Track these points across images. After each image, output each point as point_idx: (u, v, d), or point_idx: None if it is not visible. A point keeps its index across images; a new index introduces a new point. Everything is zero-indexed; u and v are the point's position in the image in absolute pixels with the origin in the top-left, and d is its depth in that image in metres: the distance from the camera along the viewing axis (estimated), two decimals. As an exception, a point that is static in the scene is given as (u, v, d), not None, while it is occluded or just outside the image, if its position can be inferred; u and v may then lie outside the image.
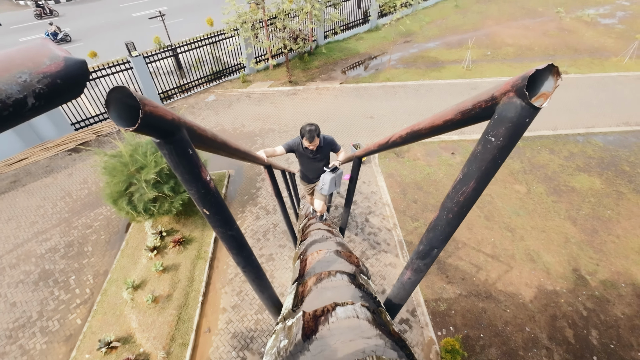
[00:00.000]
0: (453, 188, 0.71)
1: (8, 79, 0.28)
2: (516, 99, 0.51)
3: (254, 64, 12.28)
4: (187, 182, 0.68)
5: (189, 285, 6.00)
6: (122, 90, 0.44)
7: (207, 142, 0.76)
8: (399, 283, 0.98)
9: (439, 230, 0.76)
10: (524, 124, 0.53)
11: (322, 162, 3.76)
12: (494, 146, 0.58)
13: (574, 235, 6.65)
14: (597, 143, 9.04)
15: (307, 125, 3.28)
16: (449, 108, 0.72)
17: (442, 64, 13.15)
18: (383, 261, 6.31)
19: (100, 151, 6.34)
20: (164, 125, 0.54)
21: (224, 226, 0.84)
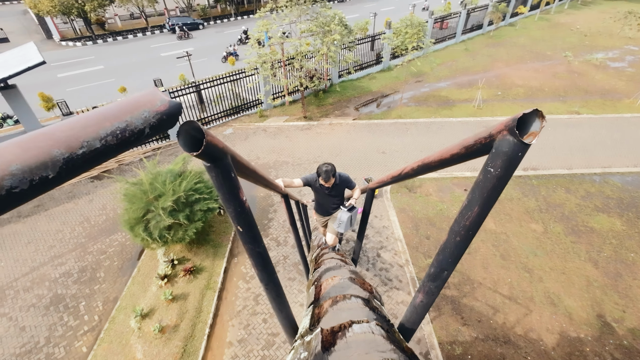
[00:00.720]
0: (460, 213, 0.79)
1: (136, 115, 0.40)
2: (509, 137, 0.61)
3: (271, 100, 12.92)
4: (226, 201, 0.79)
5: (196, 316, 5.93)
6: (191, 123, 0.56)
7: (243, 168, 0.87)
8: (412, 307, 1.02)
9: (448, 252, 0.83)
10: (517, 157, 0.62)
11: (337, 198, 3.88)
12: (493, 176, 0.67)
13: (597, 279, 6.36)
14: (615, 183, 8.88)
15: (323, 166, 3.40)
16: (454, 143, 0.82)
17: (453, 102, 13.51)
18: (395, 299, 6.12)
19: (122, 179, 6.64)
20: (216, 152, 0.66)
21: (254, 243, 0.92)
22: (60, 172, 0.33)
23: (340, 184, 3.67)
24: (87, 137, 0.35)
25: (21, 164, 0.29)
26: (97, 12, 23.43)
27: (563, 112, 12.50)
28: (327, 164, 3.38)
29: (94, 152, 0.36)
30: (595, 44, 20.02)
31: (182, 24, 25.46)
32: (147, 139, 0.44)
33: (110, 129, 0.38)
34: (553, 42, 20.42)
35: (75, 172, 0.36)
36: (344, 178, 3.66)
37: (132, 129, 0.40)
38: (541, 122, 0.59)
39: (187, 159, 7.18)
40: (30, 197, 0.32)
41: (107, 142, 0.37)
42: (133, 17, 29.01)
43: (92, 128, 0.36)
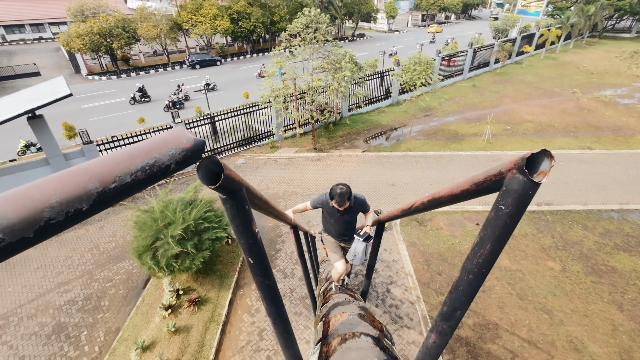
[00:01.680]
0: (472, 250, 0.78)
1: (165, 152, 0.43)
2: (519, 175, 0.62)
3: (283, 132, 13.27)
4: (239, 233, 0.80)
5: (198, 351, 5.72)
6: (211, 158, 0.59)
7: (256, 200, 0.89)
8: (424, 347, 0.97)
9: (461, 291, 0.81)
10: (527, 196, 0.63)
11: (350, 222, 3.55)
12: (505, 214, 0.67)
13: (622, 323, 5.96)
14: (635, 221, 8.58)
15: (337, 188, 3.00)
16: (464, 180, 0.83)
17: (462, 136, 13.62)
18: (406, 338, 5.82)
19: (134, 206, 6.75)
20: (233, 185, 0.69)
21: (263, 275, 0.92)
22: (93, 204, 0.35)
23: (355, 207, 3.32)
24: (119, 172, 0.38)
25: (60, 197, 0.32)
26: (123, 49, 25.16)
27: (575, 148, 12.43)
28: (341, 185, 3.00)
29: (124, 187, 0.38)
30: (603, 81, 20.29)
31: (201, 60, 27.00)
32: (173, 174, 0.47)
33: (141, 164, 0.41)
34: (560, 80, 20.78)
35: (106, 205, 0.38)
36: (360, 201, 3.30)
37: (159, 165, 0.42)
38: (550, 161, 0.60)
39: (198, 187, 7.30)
40: (64, 227, 0.34)
41: (137, 177, 0.40)
42: (156, 54, 30.98)
43: (124, 164, 0.39)
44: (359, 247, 3.09)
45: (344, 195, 2.97)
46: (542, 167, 0.61)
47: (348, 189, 3.01)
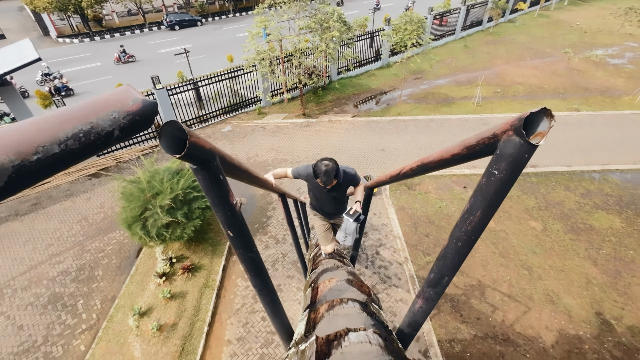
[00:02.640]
0: (461, 218, 0.76)
1: (104, 116, 0.35)
2: (515, 137, 0.57)
3: (270, 98, 12.85)
4: (215, 205, 0.75)
5: (194, 315, 5.91)
6: (174, 124, 0.52)
7: (234, 169, 0.83)
8: (411, 312, 0.99)
9: (449, 258, 0.79)
10: (523, 159, 0.58)
11: (339, 198, 3.16)
12: (497, 179, 0.63)
13: (596, 277, 6.36)
14: (615, 181, 8.86)
15: (322, 165, 2.59)
16: (455, 143, 0.78)
17: (453, 100, 13.45)
18: (394, 296, 6.11)
19: (120, 177, 6.59)
20: (203, 153, 0.62)
21: (245, 248, 0.88)
22: (9, 182, 0.29)
23: (345, 184, 2.95)
24: (43, 141, 0.31)
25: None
26: (94, 8, 23.22)
27: (562, 110, 12.46)
28: (326, 161, 2.58)
29: (51, 158, 0.32)
30: (595, 40, 19.95)
31: (180, 20, 25.26)
32: (119, 142, 0.39)
33: (72, 131, 0.34)
34: (552, 40, 20.33)
35: (29, 182, 0.32)
36: (349, 176, 2.90)
37: (98, 132, 0.35)
38: (549, 121, 0.56)
39: (184, 156, 7.13)
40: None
41: (68, 146, 0.33)
42: (130, 13, 28.79)
43: (49, 131, 0.32)
44: (350, 227, 2.82)
45: (330, 174, 2.58)
46: (540, 127, 0.56)
47: (334, 165, 2.61)
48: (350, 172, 2.91)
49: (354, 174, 2.94)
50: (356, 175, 2.96)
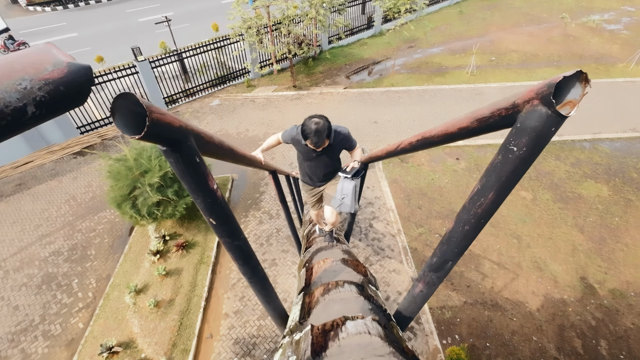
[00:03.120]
0: (470, 199, 0.69)
1: (7, 86, 0.25)
2: (541, 107, 0.49)
3: (259, 69, 12.36)
4: (193, 191, 0.66)
5: (191, 291, 5.97)
6: (129, 97, 0.42)
7: (214, 149, 0.74)
8: (410, 296, 0.95)
9: (454, 242, 0.73)
10: (548, 133, 0.50)
11: (331, 161, 2.78)
12: (516, 157, 0.55)
13: (582, 243, 6.55)
14: (604, 149, 8.94)
15: (311, 122, 2.27)
16: (463, 115, 0.69)
17: (446, 69, 13.14)
18: (387, 267, 6.24)
19: (105, 155, 6.38)
20: (171, 133, 0.52)
21: (231, 236, 0.81)
22: None
23: (337, 145, 2.59)
24: None
25: None
26: (64, -28, 21.50)
27: (557, 78, 12.29)
28: (316, 119, 2.27)
29: None
30: (592, 5, 19.41)
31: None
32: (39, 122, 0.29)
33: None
34: (549, 4, 19.71)
35: None
36: (342, 136, 2.54)
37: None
38: (584, 87, 0.47)
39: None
40: None
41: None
42: (105, -22, 26.75)
43: None
44: (347, 188, 2.37)
45: (321, 133, 2.25)
46: (570, 95, 0.48)
47: (326, 122, 2.30)
48: (342, 132, 2.55)
49: (348, 135, 2.58)
50: (350, 136, 2.60)
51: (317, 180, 2.97)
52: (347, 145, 2.64)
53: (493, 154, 5.69)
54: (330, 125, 2.36)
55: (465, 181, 8.04)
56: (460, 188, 7.86)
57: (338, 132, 2.53)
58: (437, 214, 7.28)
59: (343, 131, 2.55)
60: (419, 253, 6.49)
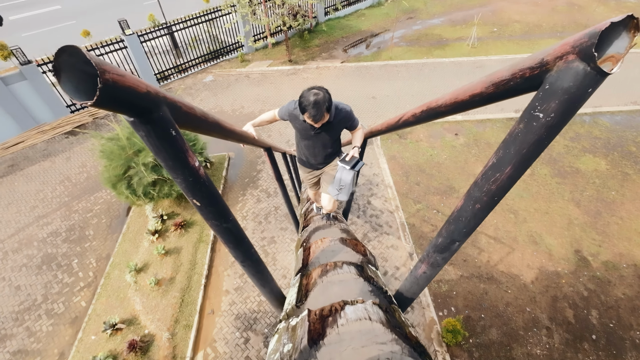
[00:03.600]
0: (483, 175, 0.62)
1: None
2: (578, 64, 0.41)
3: (252, 43, 11.90)
4: (171, 170, 0.59)
5: (191, 269, 6.02)
6: (75, 52, 0.34)
7: (195, 122, 0.65)
8: (412, 277, 0.90)
9: (463, 222, 0.67)
10: (584, 95, 0.43)
11: (331, 143, 2.60)
12: (541, 124, 0.48)
13: (577, 217, 6.60)
14: (604, 123, 8.84)
15: (310, 94, 2.06)
16: (477, 80, 0.61)
17: (447, 41, 12.73)
18: (385, 243, 6.30)
19: (97, 134, 6.22)
20: (136, 99, 0.44)
21: (218, 218, 0.74)
22: None
23: (337, 123, 2.40)
24: None
25: None
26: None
27: (560, 49, 11.96)
28: (316, 90, 2.07)
29: None
30: (600, -29, 18.57)
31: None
32: None
33: None
34: (556, -30, 18.83)
35: None
36: (344, 114, 2.36)
37: None
38: (631, 37, 0.39)
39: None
40: None
41: None
42: (87, -55, 25.14)
43: None
44: (346, 178, 2.27)
45: (321, 105, 2.04)
46: (613, 47, 0.40)
47: (326, 95, 2.08)
48: (344, 109, 2.36)
49: (350, 112, 2.38)
50: (352, 114, 2.41)
51: (316, 162, 2.79)
52: (348, 124, 2.45)
53: (493, 129, 5.62)
54: (331, 97, 2.15)
55: (464, 157, 7.98)
56: (459, 164, 7.80)
57: (340, 109, 2.33)
58: (435, 190, 7.27)
59: (345, 108, 2.36)
60: (417, 229, 6.53)
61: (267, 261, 6.20)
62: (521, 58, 0.52)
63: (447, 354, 4.81)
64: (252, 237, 6.53)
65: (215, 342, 5.07)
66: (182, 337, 5.11)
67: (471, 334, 5.03)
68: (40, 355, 5.05)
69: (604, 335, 4.98)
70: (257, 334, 5.10)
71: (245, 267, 0.92)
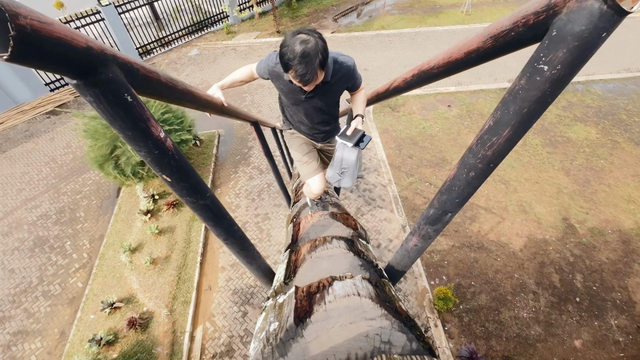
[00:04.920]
0: (478, 139, 0.57)
1: None
2: (593, 2, 0.35)
3: (238, 12, 11.32)
4: (132, 141, 0.52)
5: (186, 247, 6.04)
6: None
7: (159, 88, 0.58)
8: (403, 250, 0.88)
9: (456, 191, 0.63)
10: (597, 40, 0.37)
11: (327, 108, 1.95)
12: (546, 78, 0.42)
13: (567, 186, 6.71)
14: (597, 91, 8.80)
15: (296, 42, 1.40)
16: (473, 35, 0.55)
17: (440, 8, 12.28)
18: (378, 217, 6.36)
19: (79, 113, 5.98)
20: (73, 55, 0.37)
21: (193, 195, 0.69)
22: None
23: (337, 83, 1.77)
24: None
25: None
26: None
27: (555, 15, 11.66)
28: (305, 36, 1.42)
29: None
30: None
31: None
32: None
33: None
34: None
35: None
36: (345, 69, 1.74)
37: None
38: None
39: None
40: None
41: None
42: None
43: None
44: (349, 157, 1.70)
45: (312, 59, 1.40)
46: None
47: (319, 42, 1.42)
48: (345, 63, 1.73)
49: (353, 67, 1.76)
50: (356, 69, 1.79)
51: (310, 132, 2.16)
52: (350, 82, 1.81)
53: (486, 100, 5.52)
54: (326, 47, 1.46)
55: (457, 128, 7.93)
56: (452, 136, 7.77)
57: (340, 62, 1.71)
58: (428, 163, 7.28)
59: (347, 62, 1.73)
60: (409, 201, 6.59)
61: (262, 237, 6.24)
62: (523, 5, 0.46)
63: (439, 320, 5.01)
64: (246, 214, 6.52)
65: (214, 316, 5.18)
66: (180, 312, 5.20)
67: (461, 301, 5.21)
68: (40, 334, 5.12)
69: (587, 297, 5.22)
70: (255, 308, 5.22)
71: (228, 245, 0.88)
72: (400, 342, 0.58)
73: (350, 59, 1.77)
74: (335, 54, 1.73)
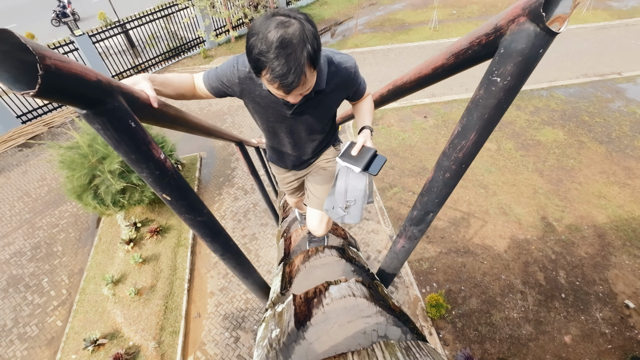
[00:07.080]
0: (450, 144, 0.64)
1: None
2: (528, 25, 0.43)
3: (214, 37, 11.50)
4: (135, 164, 0.56)
5: (172, 274, 5.86)
6: (7, 37, 0.31)
7: (157, 113, 0.62)
8: (392, 252, 0.93)
9: (435, 192, 0.70)
10: (536, 56, 0.45)
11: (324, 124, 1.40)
12: (500, 88, 0.50)
13: (542, 186, 7.02)
14: (560, 96, 9.38)
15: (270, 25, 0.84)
16: (438, 53, 0.63)
17: (409, 26, 12.92)
18: (365, 229, 6.41)
19: (54, 144, 5.83)
20: (86, 89, 0.41)
21: (192, 212, 0.72)
22: None
23: (334, 90, 1.23)
24: None
25: None
26: None
27: (515, 28, 12.47)
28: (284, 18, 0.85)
29: None
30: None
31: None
32: None
33: None
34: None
35: None
36: (345, 71, 1.21)
37: None
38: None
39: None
40: None
41: None
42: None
43: None
44: (357, 187, 1.14)
45: (295, 51, 0.84)
46: (560, 8, 0.42)
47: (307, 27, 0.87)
48: (345, 64, 1.21)
49: (354, 69, 1.25)
50: (357, 70, 1.28)
51: (297, 162, 1.53)
52: (352, 90, 1.30)
53: (459, 109, 5.82)
54: (317, 35, 0.92)
55: (434, 138, 8.22)
56: (430, 145, 8.03)
57: (337, 64, 1.19)
58: (410, 172, 7.46)
59: (346, 63, 1.22)
60: (395, 211, 6.70)
61: (251, 258, 6.15)
62: (477, 27, 0.54)
63: (433, 328, 5.03)
64: (233, 235, 6.43)
65: (205, 344, 5.00)
66: (169, 344, 4.99)
67: (453, 306, 5.27)
68: (16, 382, 4.77)
69: (571, 292, 5.39)
70: (247, 332, 5.08)
71: (225, 260, 0.90)
72: (396, 335, 0.62)
73: (350, 58, 1.25)
74: (330, 53, 1.18)
